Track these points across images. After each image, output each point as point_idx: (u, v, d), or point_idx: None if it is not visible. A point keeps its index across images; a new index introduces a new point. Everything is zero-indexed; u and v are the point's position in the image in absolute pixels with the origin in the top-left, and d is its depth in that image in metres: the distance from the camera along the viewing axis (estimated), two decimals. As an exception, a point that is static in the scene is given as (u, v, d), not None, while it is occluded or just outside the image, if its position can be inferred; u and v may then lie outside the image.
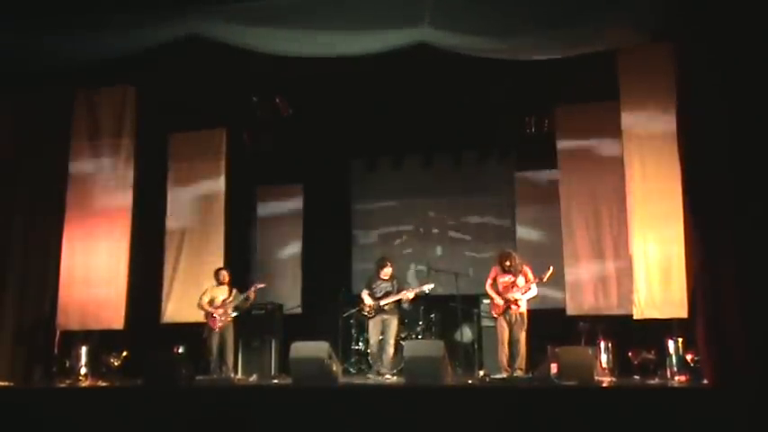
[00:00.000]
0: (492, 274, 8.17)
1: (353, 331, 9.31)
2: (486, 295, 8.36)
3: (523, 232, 10.12)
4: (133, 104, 9.14)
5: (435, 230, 10.77)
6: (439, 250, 10.71)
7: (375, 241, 10.81)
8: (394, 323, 8.33)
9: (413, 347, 7.78)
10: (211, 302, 8.63)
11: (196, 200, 9.74)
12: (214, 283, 8.79)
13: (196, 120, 9.69)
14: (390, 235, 10.94)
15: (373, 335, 8.38)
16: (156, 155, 9.71)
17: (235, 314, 8.63)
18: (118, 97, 9.20)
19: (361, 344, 9.03)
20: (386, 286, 8.40)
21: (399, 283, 8.52)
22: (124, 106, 9.18)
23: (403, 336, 9.08)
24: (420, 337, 9.19)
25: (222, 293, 8.69)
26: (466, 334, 9.37)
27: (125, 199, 9.00)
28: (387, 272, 8.47)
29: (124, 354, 8.45)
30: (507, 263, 8.05)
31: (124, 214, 8.96)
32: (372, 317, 8.34)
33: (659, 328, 7.71)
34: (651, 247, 7.85)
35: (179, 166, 9.85)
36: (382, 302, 8.29)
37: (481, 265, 9.72)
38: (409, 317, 9.43)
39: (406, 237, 10.88)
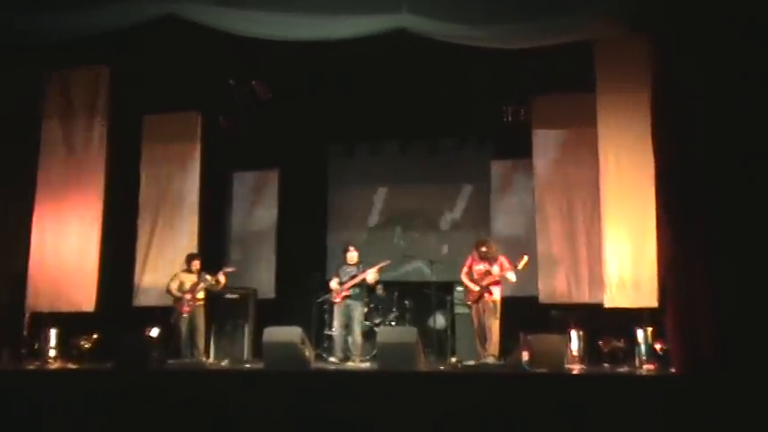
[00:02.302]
0: (468, 262, 8.26)
1: (326, 317, 9.31)
2: (461, 283, 8.46)
3: (498, 220, 10.19)
4: (107, 85, 9.07)
5: (411, 217, 10.80)
6: (414, 237, 10.75)
7: (351, 227, 10.79)
8: (359, 308, 8.48)
9: (386, 334, 7.86)
10: (180, 287, 8.61)
11: (170, 183, 9.68)
12: (184, 267, 8.76)
13: (171, 102, 9.61)
14: (366, 221, 10.95)
15: (337, 320, 8.49)
16: (130, 137, 9.62)
17: (202, 297, 8.64)
18: (91, 77, 9.12)
19: (334, 329, 9.06)
20: (351, 271, 8.54)
21: (365, 267, 8.54)
22: (97, 87, 9.11)
23: (377, 322, 9.15)
24: (394, 323, 9.23)
25: (191, 278, 8.70)
26: (439, 321, 9.44)
27: (97, 181, 8.95)
28: (352, 257, 8.61)
29: (94, 336, 8.41)
30: (483, 249, 8.15)
31: (96, 196, 8.91)
32: (339, 302, 8.50)
33: (629, 318, 7.84)
34: (623, 237, 7.97)
35: (153, 149, 9.77)
36: (345, 286, 8.42)
37: (456, 252, 9.77)
38: (383, 304, 9.49)
39: (382, 223, 10.90)
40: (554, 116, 9.17)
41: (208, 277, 8.65)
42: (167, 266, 9.29)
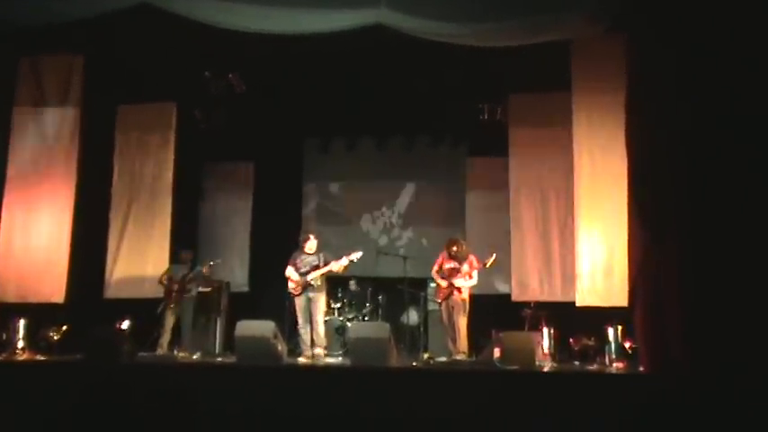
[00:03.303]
0: (439, 260, 8.31)
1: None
2: (433, 279, 8.48)
3: (472, 218, 10.26)
4: (80, 73, 8.94)
5: (386, 213, 10.81)
6: (389, 233, 10.77)
7: (325, 222, 10.77)
8: (321, 300, 8.10)
9: (358, 329, 7.90)
10: (171, 279, 8.62)
11: (143, 174, 9.58)
12: (177, 259, 8.86)
13: (146, 92, 9.52)
14: (341, 216, 10.94)
15: (300, 314, 8.09)
16: (104, 126, 9.51)
17: (191, 290, 8.64)
18: (64, 65, 8.98)
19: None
20: (311, 260, 8.14)
21: (326, 256, 8.21)
22: (71, 75, 8.97)
23: (350, 317, 9.15)
24: (367, 318, 9.27)
25: (182, 270, 8.70)
26: (412, 317, 9.47)
27: (69, 170, 8.83)
28: (311, 245, 8.22)
29: (64, 328, 8.30)
30: (454, 248, 8.20)
31: (68, 186, 8.79)
32: (299, 294, 8.08)
33: (600, 316, 7.90)
34: (596, 237, 8.03)
35: (126, 139, 9.67)
36: (309, 277, 8.04)
37: (430, 248, 9.82)
38: (357, 299, 9.50)
39: (357, 218, 10.90)
40: (530, 115, 9.22)
41: (201, 270, 8.62)
42: (139, 258, 9.24)
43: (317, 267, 8.07)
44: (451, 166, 10.56)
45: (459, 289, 8.03)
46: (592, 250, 8.03)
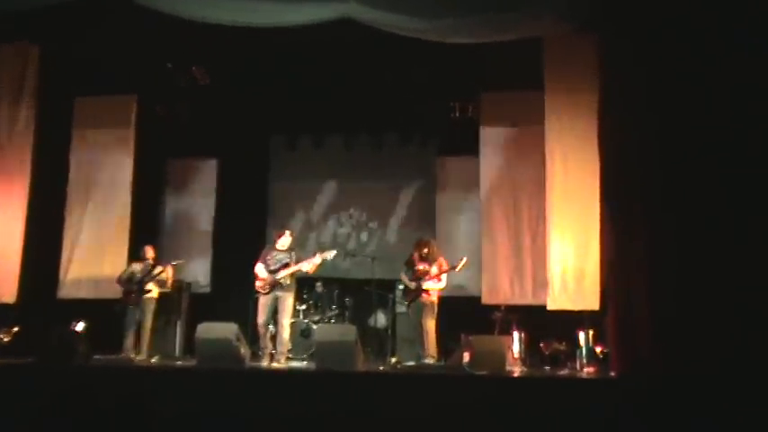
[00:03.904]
0: (407, 262, 8.30)
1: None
2: (401, 281, 8.48)
3: (443, 218, 10.26)
4: (36, 64, 8.77)
5: (354, 213, 10.78)
6: (356, 233, 10.74)
7: (292, 221, 10.68)
8: (289, 300, 7.97)
9: (324, 331, 7.86)
10: (131, 278, 8.48)
11: (101, 170, 9.42)
12: (138, 257, 8.71)
13: (105, 85, 9.36)
14: (308, 215, 10.88)
15: (263, 313, 7.91)
16: (60, 120, 9.32)
17: (151, 290, 8.48)
18: (19, 55, 8.79)
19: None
20: (283, 258, 8.04)
21: (298, 254, 8.12)
22: (26, 65, 8.78)
23: (315, 319, 9.11)
24: (333, 321, 9.23)
25: (142, 270, 8.53)
26: (380, 320, 9.47)
27: (23, 166, 8.64)
28: (284, 242, 8.13)
29: (15, 329, 8.14)
30: (425, 250, 8.21)
31: (22, 181, 8.62)
32: (267, 292, 7.95)
33: (571, 320, 7.95)
34: (567, 240, 8.07)
35: (83, 134, 9.48)
36: (279, 275, 7.94)
37: (399, 249, 9.79)
38: (323, 300, 9.46)
39: (324, 218, 10.87)
40: (502, 113, 9.25)
41: (157, 269, 8.46)
42: (96, 257, 9.10)
43: (287, 265, 7.97)
44: (421, 166, 10.55)
45: (428, 291, 8.04)
46: (564, 253, 8.06)
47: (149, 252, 8.63)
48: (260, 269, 8.02)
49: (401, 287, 8.68)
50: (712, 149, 6.24)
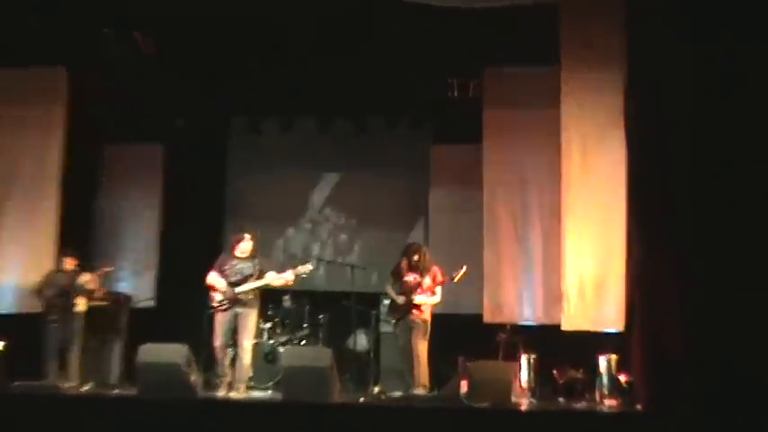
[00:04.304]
0: (395, 271, 8.32)
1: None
2: (387, 295, 8.51)
3: (437, 219, 10.34)
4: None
5: (331, 212, 10.84)
6: (333, 237, 10.82)
7: (255, 220, 10.56)
8: (252, 318, 7.98)
9: (293, 355, 7.87)
10: (50, 290, 8.49)
11: (25, 155, 9.42)
12: (59, 265, 8.69)
13: (29, 55, 9.30)
14: (275, 214, 10.92)
15: (220, 333, 7.91)
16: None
17: (77, 304, 8.49)
18: None
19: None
20: (244, 268, 8.02)
21: (263, 264, 8.14)
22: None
23: (282, 341, 9.16)
24: (304, 342, 9.27)
25: (64, 279, 8.54)
26: (361, 341, 9.51)
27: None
28: (245, 248, 8.10)
29: None
30: (416, 258, 8.21)
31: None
32: (225, 309, 7.94)
33: (590, 343, 8.01)
34: (587, 246, 8.12)
35: (4, 112, 9.44)
36: (239, 289, 7.92)
37: (384, 256, 9.76)
38: (291, 318, 9.50)
39: (294, 217, 10.92)
40: (509, 93, 9.33)
41: (82, 279, 8.45)
42: (15, 266, 9.12)
43: (249, 277, 7.99)
44: (412, 156, 10.64)
45: (419, 307, 8.06)
46: (582, 261, 8.12)
47: (69, 263, 8.64)
48: (216, 280, 8.00)
49: (387, 302, 8.74)
50: (762, 139, 6.24)
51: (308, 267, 8.10)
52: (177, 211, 10.64)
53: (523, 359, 8.26)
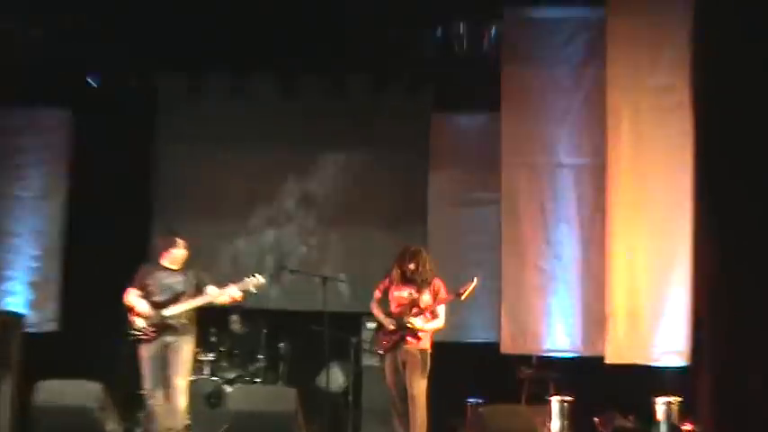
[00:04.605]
0: (383, 285, 8.29)
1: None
2: (372, 316, 8.51)
3: (440, 214, 10.39)
4: None
5: (298, 206, 10.89)
6: (299, 238, 10.87)
7: (192, 217, 10.69)
8: (186, 348, 7.89)
9: (245, 397, 7.93)
10: None
11: None
12: None
13: None
14: (217, 204, 10.93)
15: (146, 369, 7.81)
16: None
17: None
18: None
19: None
20: (174, 283, 7.95)
21: (200, 278, 8.04)
22: None
23: (230, 377, 9.22)
24: (259, 380, 9.33)
25: None
26: (336, 378, 9.52)
27: None
28: (176, 256, 8.04)
29: None
30: (412, 266, 8.12)
31: None
32: (150, 338, 7.85)
33: (644, 382, 8.12)
34: (641, 255, 8.20)
35: None
36: (168, 312, 7.88)
37: (368, 265, 9.90)
38: (242, 346, 9.55)
39: (244, 210, 10.96)
40: (536, 45, 9.36)
41: None
42: None
43: (182, 295, 7.98)
44: (406, 128, 10.68)
45: (415, 333, 8.05)
46: (633, 274, 8.21)
47: None
48: (135, 301, 7.91)
49: (371, 326, 8.75)
50: None
51: (261, 280, 7.99)
52: (87, 202, 10.64)
53: (554, 402, 8.37)
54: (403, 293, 8.12)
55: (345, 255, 10.74)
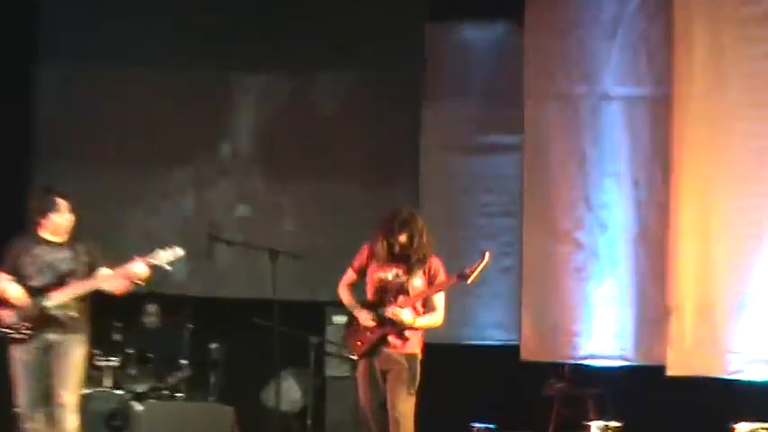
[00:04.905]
0: (360, 259, 8.19)
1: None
2: (341, 306, 8.42)
3: (436, 165, 10.38)
4: None
5: (240, 154, 10.94)
6: (237, 197, 10.91)
7: (84, 171, 10.69)
8: (77, 352, 7.86)
9: (161, 418, 7.98)
10: None
11: None
12: None
13: None
14: (118, 150, 10.97)
15: (23, 383, 7.76)
16: None
17: None
18: None
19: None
20: (57, 260, 7.89)
21: (94, 253, 7.96)
22: None
23: (140, 391, 9.23)
24: (181, 395, 9.38)
25: None
26: (290, 391, 9.60)
27: None
28: (59, 223, 7.89)
29: None
30: (403, 238, 8.03)
31: None
32: (26, 336, 7.79)
33: (719, 401, 8.10)
34: (717, 228, 8.19)
35: None
36: (51, 300, 7.74)
37: (335, 235, 9.97)
38: (157, 347, 9.58)
39: (169, 166, 10.99)
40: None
41: None
42: None
43: (70, 275, 7.89)
44: (389, 41, 10.58)
45: (402, 332, 7.98)
46: (707, 253, 8.19)
47: None
48: (6, 285, 7.82)
49: (340, 320, 8.78)
50: None
51: (179, 252, 7.83)
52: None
53: (594, 429, 8.29)
54: (386, 275, 7.98)
55: (303, 221, 10.77)
